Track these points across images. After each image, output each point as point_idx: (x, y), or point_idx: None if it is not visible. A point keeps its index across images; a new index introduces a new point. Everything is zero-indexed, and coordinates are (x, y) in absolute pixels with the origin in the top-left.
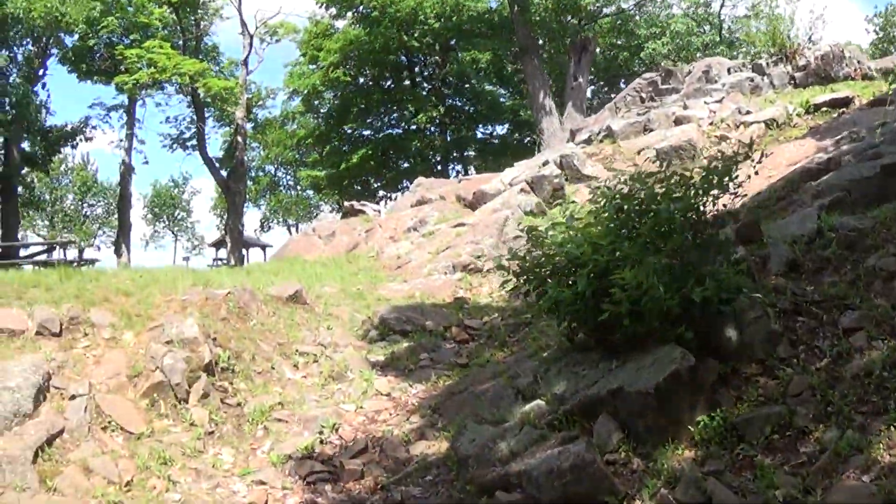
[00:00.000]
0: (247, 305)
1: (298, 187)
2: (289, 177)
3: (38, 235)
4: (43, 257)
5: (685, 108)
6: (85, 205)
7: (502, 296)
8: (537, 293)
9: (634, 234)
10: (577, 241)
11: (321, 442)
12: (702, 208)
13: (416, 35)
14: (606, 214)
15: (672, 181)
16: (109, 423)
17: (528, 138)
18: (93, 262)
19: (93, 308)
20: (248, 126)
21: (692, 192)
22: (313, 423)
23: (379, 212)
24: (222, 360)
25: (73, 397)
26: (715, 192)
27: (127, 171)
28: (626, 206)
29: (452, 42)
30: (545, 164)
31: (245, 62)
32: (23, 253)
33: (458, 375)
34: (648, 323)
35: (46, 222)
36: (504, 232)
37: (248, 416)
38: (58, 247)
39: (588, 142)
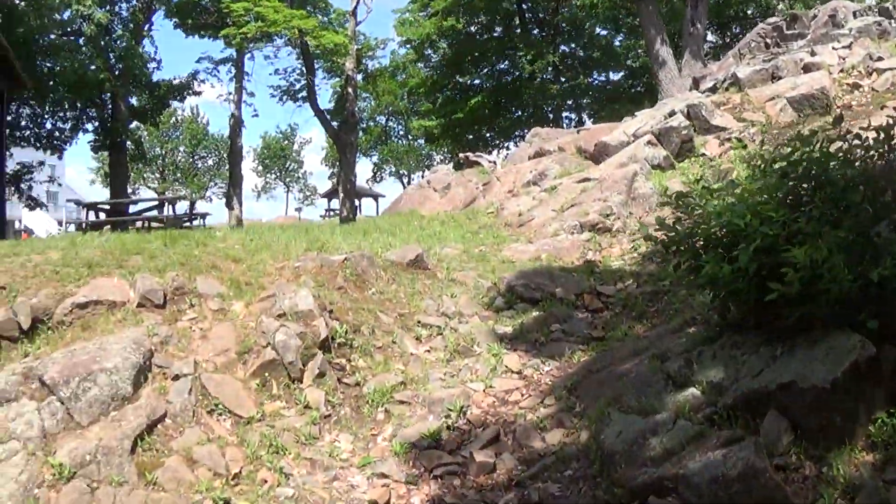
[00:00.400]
0: (364, 272)
1: (409, 137)
2: (399, 126)
3: (150, 188)
4: (154, 213)
5: (813, 54)
6: (196, 157)
7: (634, 258)
8: (688, 267)
9: (806, 205)
10: (737, 210)
11: (448, 428)
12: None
13: None
14: (773, 181)
15: (845, 142)
16: (216, 406)
17: (642, 86)
18: (204, 216)
19: (199, 276)
20: (359, 77)
21: (869, 153)
22: (439, 405)
23: (494, 163)
24: (339, 335)
25: (176, 377)
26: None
27: (236, 124)
28: (790, 172)
29: None
30: (671, 114)
31: (354, 12)
32: (132, 210)
33: (594, 350)
34: (822, 306)
35: (157, 175)
36: (633, 188)
37: (367, 396)
38: (167, 203)
39: (713, 90)
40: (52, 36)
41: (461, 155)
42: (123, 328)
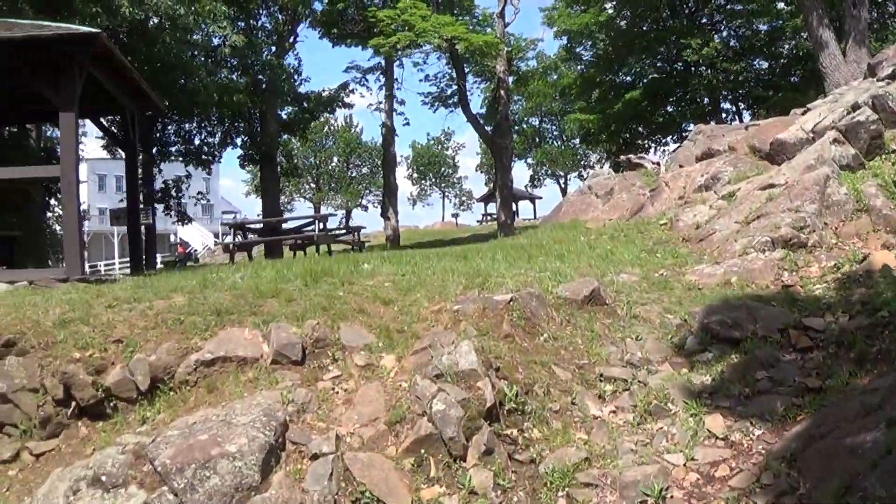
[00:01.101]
0: (534, 315)
1: (564, 137)
2: (553, 127)
3: (305, 199)
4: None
5: None
6: (350, 166)
7: (838, 279)
8: None
9: None
10: None
11: None
12: None
13: None
14: None
15: None
16: (362, 493)
17: (799, 74)
18: (358, 229)
19: (343, 324)
20: (510, 79)
21: None
22: (632, 488)
23: (658, 165)
24: (509, 399)
25: (315, 456)
26: None
27: (389, 133)
28: None
29: None
30: (855, 107)
31: (501, 14)
32: (285, 227)
33: (812, 407)
34: None
35: (313, 185)
36: (826, 195)
37: (544, 477)
38: (316, 220)
39: (892, 77)
40: (192, 54)
41: (622, 157)
42: (255, 390)
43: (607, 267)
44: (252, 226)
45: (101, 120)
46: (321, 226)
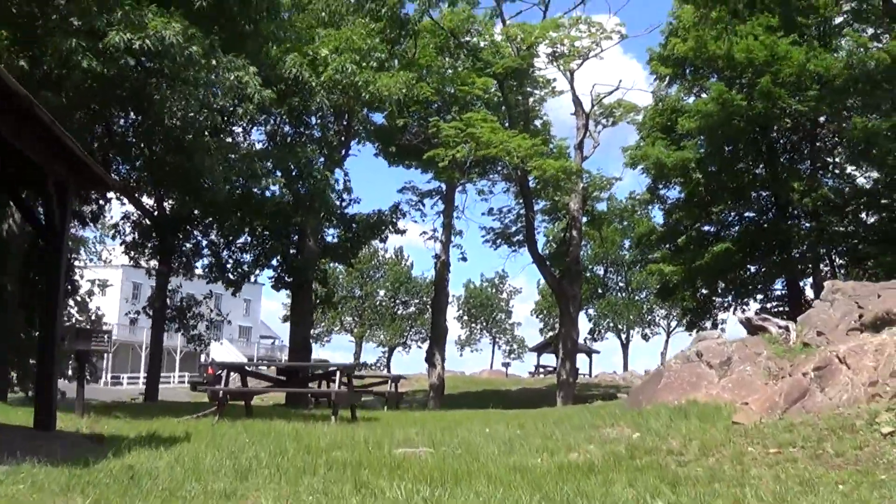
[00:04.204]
0: None
1: (629, 289)
2: (619, 278)
3: (348, 331)
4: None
5: None
6: (397, 301)
7: None
8: None
9: None
10: None
11: None
12: None
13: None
14: None
15: None
16: None
17: None
18: (397, 379)
19: None
20: (584, 219)
21: None
22: None
23: (787, 329)
24: None
25: None
26: None
27: (443, 267)
28: None
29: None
30: None
31: (580, 145)
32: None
33: None
34: None
35: (357, 318)
36: None
37: None
38: (339, 371)
39: None
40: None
41: (742, 317)
42: None
43: None
44: (253, 369)
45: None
46: (346, 380)
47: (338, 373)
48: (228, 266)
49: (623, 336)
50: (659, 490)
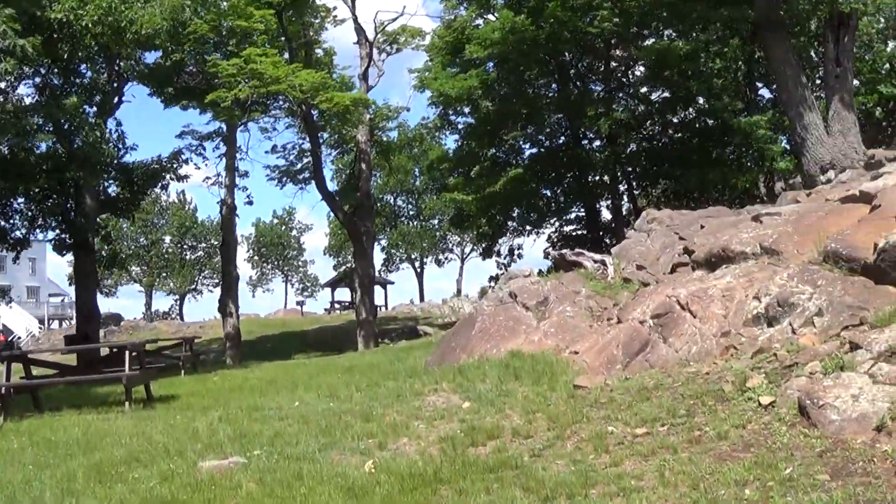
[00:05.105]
0: None
1: (421, 217)
2: (410, 207)
3: (136, 281)
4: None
5: None
6: (185, 247)
7: None
8: None
9: None
10: None
11: None
12: None
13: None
14: None
15: None
16: None
17: (734, 150)
18: (190, 341)
19: None
20: (372, 151)
21: None
22: None
23: (603, 264)
24: None
25: None
26: None
27: (229, 212)
28: None
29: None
30: None
31: (364, 75)
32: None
33: None
34: None
35: (145, 268)
36: None
37: None
38: (128, 351)
39: None
40: None
41: (554, 252)
42: None
43: None
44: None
45: None
46: (135, 357)
47: (126, 353)
48: (6, 228)
49: (417, 265)
50: None
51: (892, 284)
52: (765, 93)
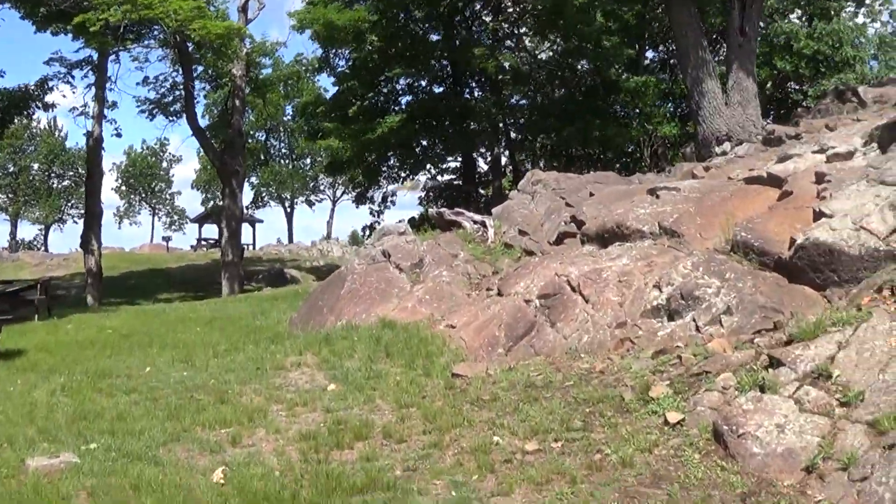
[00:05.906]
0: None
1: (293, 157)
2: (281, 144)
3: (2, 209)
4: None
5: None
6: (52, 175)
7: None
8: None
9: None
10: None
11: None
12: None
13: None
14: None
15: None
16: None
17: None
18: (46, 283)
19: None
20: (247, 88)
21: None
22: None
23: (483, 225)
24: None
25: None
26: None
27: (96, 143)
28: None
29: None
30: None
31: (244, 7)
32: None
33: None
34: None
35: (10, 196)
36: None
37: None
38: None
39: None
40: None
41: (433, 211)
42: None
43: None
44: None
45: None
46: None
47: None
48: None
49: (287, 205)
50: None
51: (809, 285)
52: (651, 54)
